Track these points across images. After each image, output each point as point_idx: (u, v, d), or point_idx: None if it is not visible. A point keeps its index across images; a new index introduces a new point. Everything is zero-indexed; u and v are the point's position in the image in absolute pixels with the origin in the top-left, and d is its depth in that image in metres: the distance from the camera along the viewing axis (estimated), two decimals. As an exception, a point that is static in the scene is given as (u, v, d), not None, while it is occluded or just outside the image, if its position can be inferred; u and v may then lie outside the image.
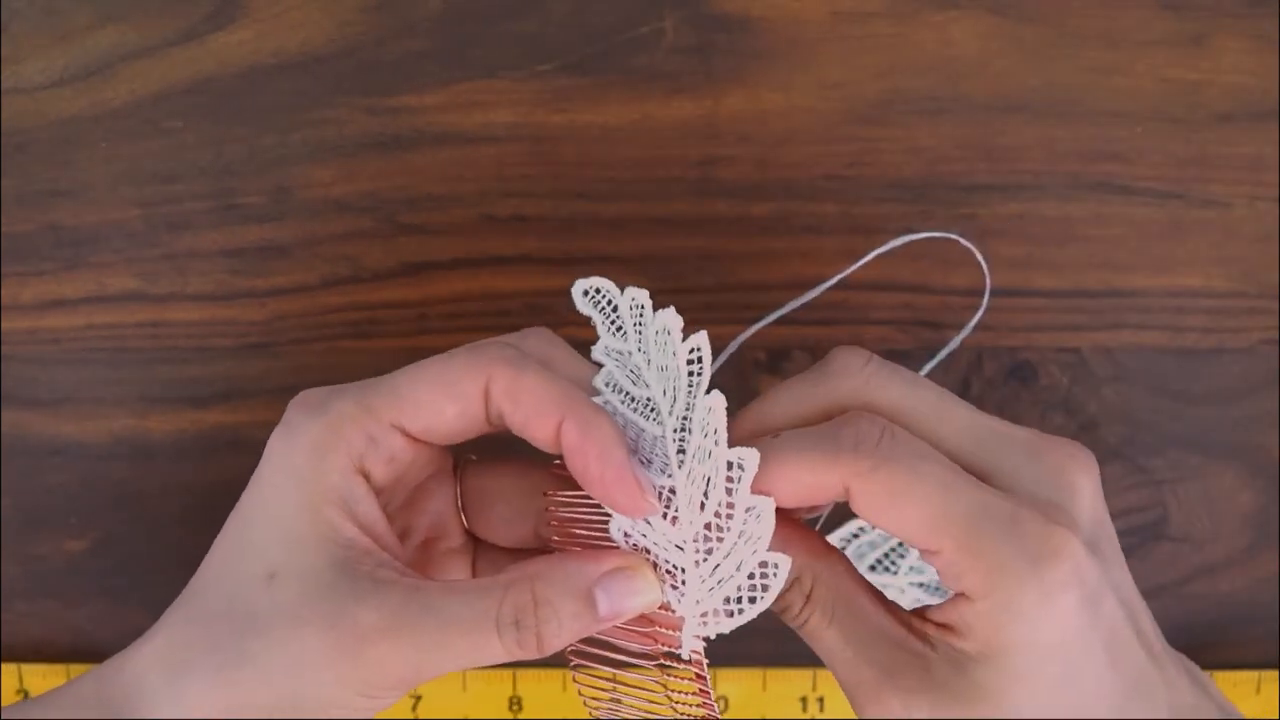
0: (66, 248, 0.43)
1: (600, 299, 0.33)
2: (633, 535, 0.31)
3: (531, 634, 0.30)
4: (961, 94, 0.42)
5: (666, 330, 0.32)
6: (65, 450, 0.44)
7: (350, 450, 0.31)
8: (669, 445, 0.31)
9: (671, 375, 0.32)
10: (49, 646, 0.45)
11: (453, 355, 0.32)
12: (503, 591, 0.30)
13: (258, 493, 0.31)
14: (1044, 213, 0.42)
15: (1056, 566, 0.28)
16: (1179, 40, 0.41)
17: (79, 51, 0.42)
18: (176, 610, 0.31)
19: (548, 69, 0.42)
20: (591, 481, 0.30)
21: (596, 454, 0.30)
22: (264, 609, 0.29)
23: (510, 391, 0.30)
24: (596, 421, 0.30)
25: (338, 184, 0.42)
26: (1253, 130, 0.42)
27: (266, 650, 0.29)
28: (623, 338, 0.32)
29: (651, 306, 0.32)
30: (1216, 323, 0.43)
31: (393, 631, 0.29)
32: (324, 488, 0.30)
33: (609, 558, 0.31)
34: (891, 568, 0.43)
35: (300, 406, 0.32)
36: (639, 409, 0.32)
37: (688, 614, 0.31)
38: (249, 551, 0.30)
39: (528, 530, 0.35)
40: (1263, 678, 0.44)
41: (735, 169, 0.42)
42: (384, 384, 0.31)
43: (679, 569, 0.31)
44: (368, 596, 0.29)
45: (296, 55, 0.42)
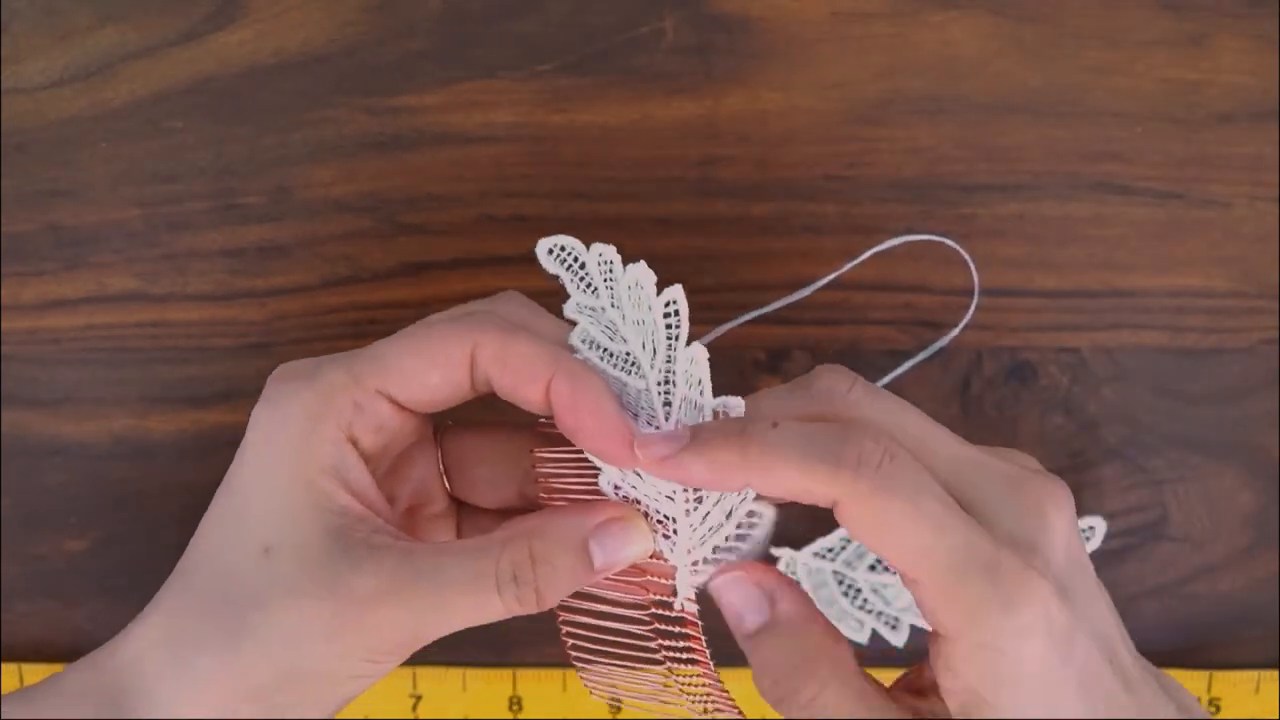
0: (67, 248, 0.43)
1: (566, 256, 0.32)
2: (623, 488, 0.32)
3: (530, 589, 0.30)
4: (961, 94, 0.42)
5: (639, 284, 0.32)
6: (65, 450, 0.44)
7: (340, 419, 0.31)
8: (654, 397, 0.32)
9: (649, 328, 0.32)
10: (49, 646, 0.45)
11: (434, 322, 0.32)
12: (499, 549, 0.30)
13: (247, 467, 0.31)
14: (1044, 213, 0.42)
15: (1026, 613, 0.28)
16: (1179, 40, 0.41)
17: (79, 52, 0.42)
18: (169, 591, 0.31)
19: (548, 69, 0.42)
20: (585, 436, 0.30)
21: (589, 408, 0.30)
22: (262, 582, 0.30)
23: (498, 356, 0.31)
24: (586, 377, 0.30)
25: (338, 184, 0.42)
26: (1252, 130, 0.42)
27: (267, 623, 0.29)
28: (594, 294, 0.32)
29: (620, 261, 0.32)
30: (1216, 323, 0.43)
31: (392, 596, 0.29)
32: (316, 457, 0.30)
33: (602, 509, 0.31)
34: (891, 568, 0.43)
35: (283, 379, 0.32)
36: (618, 364, 0.32)
37: (679, 562, 0.32)
38: (242, 526, 0.30)
39: (512, 491, 0.35)
40: (1262, 677, 0.44)
41: (735, 169, 0.42)
42: (368, 353, 0.32)
43: (669, 518, 0.32)
44: (364, 563, 0.29)
45: (297, 55, 0.42)
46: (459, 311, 0.32)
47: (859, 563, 0.43)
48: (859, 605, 0.43)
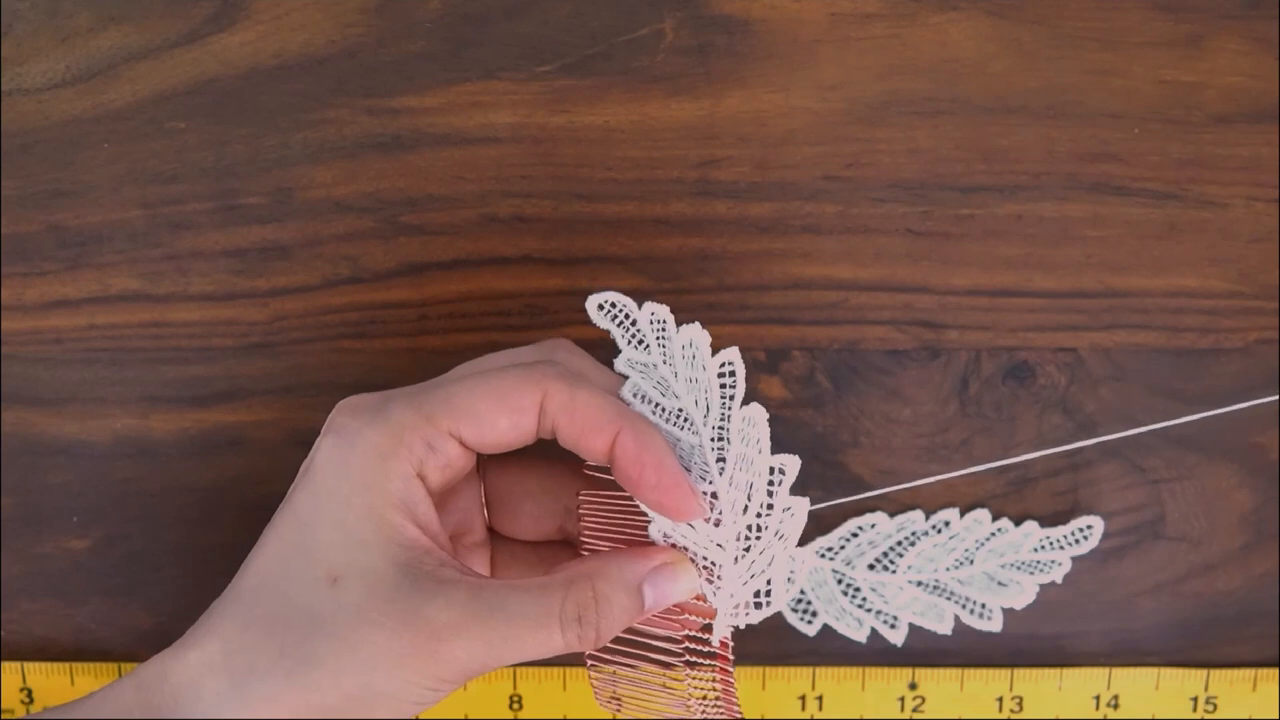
0: (69, 248, 0.43)
1: (617, 312, 0.34)
2: (672, 536, 0.34)
3: (592, 628, 0.32)
4: (960, 95, 0.42)
5: (693, 345, 0.33)
6: (68, 450, 0.44)
7: (411, 456, 0.32)
8: (708, 454, 0.33)
9: (703, 387, 0.33)
10: (52, 645, 0.45)
11: (506, 370, 0.33)
12: (564, 590, 0.32)
13: (314, 497, 0.32)
14: (1042, 213, 0.42)
15: None
16: (1176, 42, 0.41)
17: (81, 53, 0.42)
18: (224, 615, 0.31)
19: (548, 70, 0.42)
20: (646, 489, 0.32)
21: (653, 464, 0.32)
22: (329, 611, 0.30)
23: (567, 408, 0.32)
24: (650, 433, 0.32)
25: (339, 185, 0.42)
26: (1250, 132, 0.42)
27: (336, 652, 0.30)
28: (645, 350, 0.34)
29: (673, 321, 0.34)
30: (1213, 323, 0.43)
31: (464, 628, 0.30)
32: (387, 492, 0.31)
33: (656, 554, 0.34)
34: (891, 567, 0.43)
35: (353, 412, 0.33)
36: (670, 419, 0.34)
37: (722, 605, 0.34)
38: (308, 555, 0.31)
39: (552, 526, 0.37)
40: (1259, 676, 0.44)
41: (734, 170, 0.42)
42: (439, 393, 0.33)
43: (716, 564, 0.34)
44: (436, 596, 0.30)
45: (298, 56, 0.42)
46: (523, 356, 0.34)
47: (859, 562, 0.43)
48: (858, 604, 0.43)
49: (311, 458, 0.33)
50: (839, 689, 0.44)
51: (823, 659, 0.44)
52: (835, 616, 0.43)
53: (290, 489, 0.33)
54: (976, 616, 0.43)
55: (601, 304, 0.34)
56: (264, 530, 0.33)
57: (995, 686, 0.44)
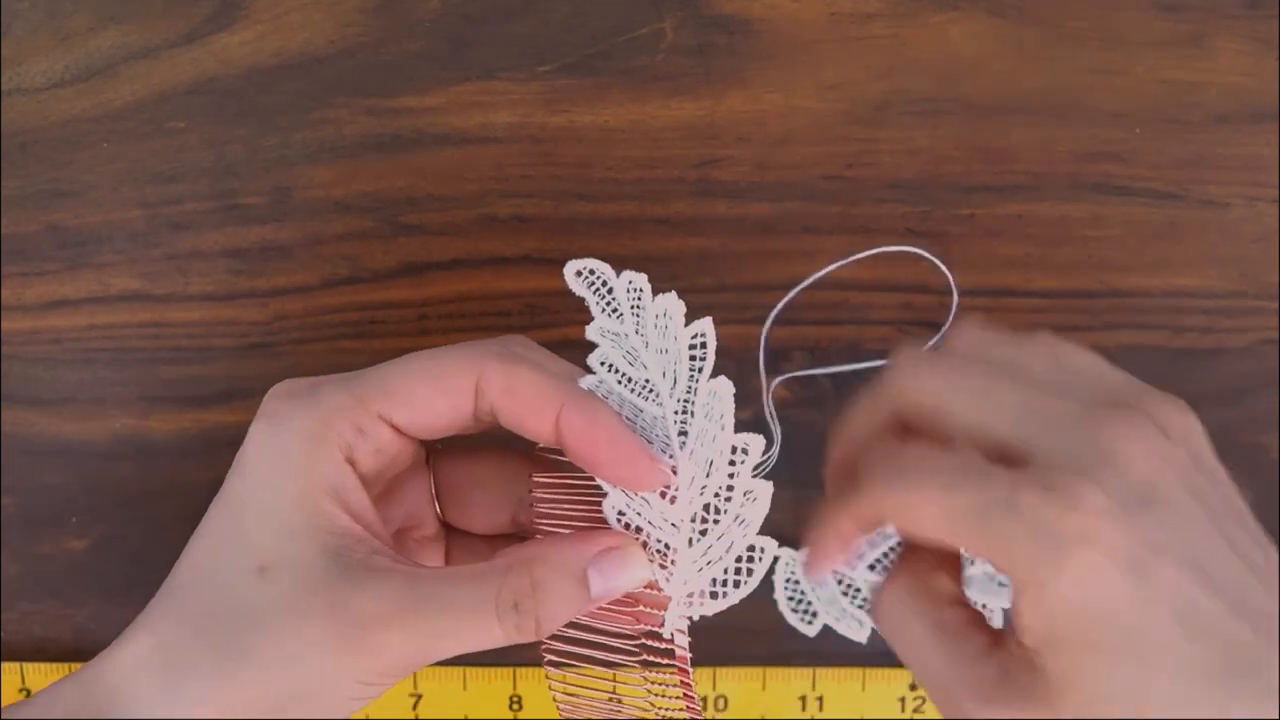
0: (68, 248, 0.43)
1: (594, 279, 0.33)
2: (627, 514, 0.32)
3: (531, 617, 0.30)
4: (960, 95, 0.42)
5: (668, 314, 0.32)
6: (67, 450, 0.44)
7: (340, 440, 0.31)
8: (670, 426, 0.32)
9: (672, 358, 0.32)
10: (51, 645, 0.45)
11: (442, 351, 0.32)
12: (501, 576, 0.30)
13: (243, 485, 0.31)
14: (1042, 213, 0.42)
15: (1067, 541, 0.27)
16: (1177, 42, 0.41)
17: (81, 52, 0.42)
18: (158, 608, 0.31)
19: (548, 70, 0.42)
20: (602, 463, 0.31)
21: (605, 438, 0.30)
22: (258, 603, 0.29)
23: (506, 386, 0.31)
24: (597, 408, 0.31)
25: (338, 184, 0.42)
26: (1250, 131, 0.42)
27: (265, 644, 0.29)
28: (619, 319, 0.33)
29: (650, 290, 0.33)
30: (1215, 323, 0.43)
31: (394, 619, 0.29)
32: (316, 478, 0.30)
33: (601, 538, 0.32)
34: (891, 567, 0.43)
35: (283, 397, 0.32)
36: (636, 389, 0.32)
37: (675, 594, 0.32)
38: (238, 545, 0.30)
39: (505, 517, 0.35)
40: (1261, 677, 0.44)
41: (734, 169, 0.42)
42: (372, 376, 0.31)
43: (669, 548, 0.32)
44: (366, 585, 0.29)
45: (297, 56, 0.42)
46: (469, 343, 0.32)
47: (859, 562, 0.43)
48: (859, 605, 0.43)
49: (244, 444, 0.31)
50: (839, 690, 0.44)
51: (823, 659, 0.44)
52: (836, 617, 0.43)
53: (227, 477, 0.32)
54: (977, 617, 0.43)
55: (580, 270, 0.33)
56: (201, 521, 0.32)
57: (996, 687, 0.44)
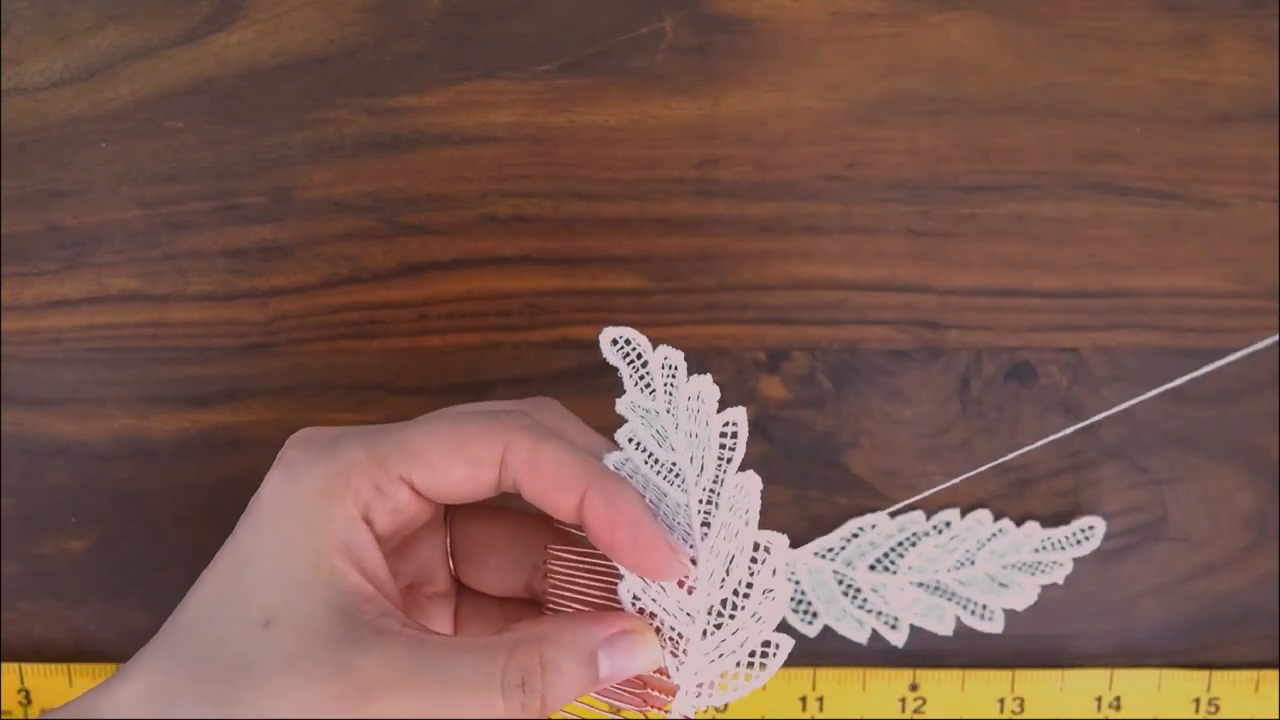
0: (67, 248, 0.43)
1: (629, 350, 0.32)
2: (641, 600, 0.31)
3: (537, 696, 0.29)
4: (961, 94, 0.42)
5: (700, 398, 0.31)
6: (66, 450, 0.44)
7: (358, 499, 0.30)
8: (693, 516, 0.31)
9: (701, 444, 0.31)
10: (50, 646, 0.45)
11: (466, 418, 0.31)
12: (509, 652, 0.30)
13: (254, 534, 0.30)
14: (1043, 213, 0.42)
15: None
16: (1178, 41, 0.41)
17: (80, 52, 0.42)
18: (157, 649, 0.30)
19: (548, 69, 0.42)
20: (620, 550, 0.30)
21: (627, 524, 0.30)
22: (258, 656, 0.29)
23: (530, 463, 0.30)
24: (621, 492, 0.30)
25: (338, 184, 0.42)
26: (1252, 131, 0.42)
27: (262, 699, 0.28)
28: (651, 395, 0.32)
29: (685, 370, 0.32)
30: (1216, 323, 0.43)
31: (397, 685, 0.28)
32: (329, 534, 0.30)
33: (614, 620, 0.31)
34: (892, 568, 0.43)
35: (303, 447, 0.31)
36: (662, 472, 0.32)
37: (684, 683, 0.31)
38: (244, 595, 0.30)
39: (519, 581, 0.35)
40: (1261, 677, 0.44)
41: (734, 169, 0.42)
42: (394, 435, 0.31)
43: (683, 637, 0.31)
44: (371, 648, 0.29)
45: (297, 56, 0.42)
46: (496, 409, 0.32)
47: (859, 562, 0.43)
48: (859, 605, 0.43)
49: (259, 492, 0.31)
50: (840, 690, 0.44)
51: (823, 660, 0.44)
52: (836, 617, 0.43)
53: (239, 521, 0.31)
54: (978, 617, 0.43)
55: (615, 339, 0.32)
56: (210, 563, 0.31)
57: (996, 687, 0.44)
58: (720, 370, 0.32)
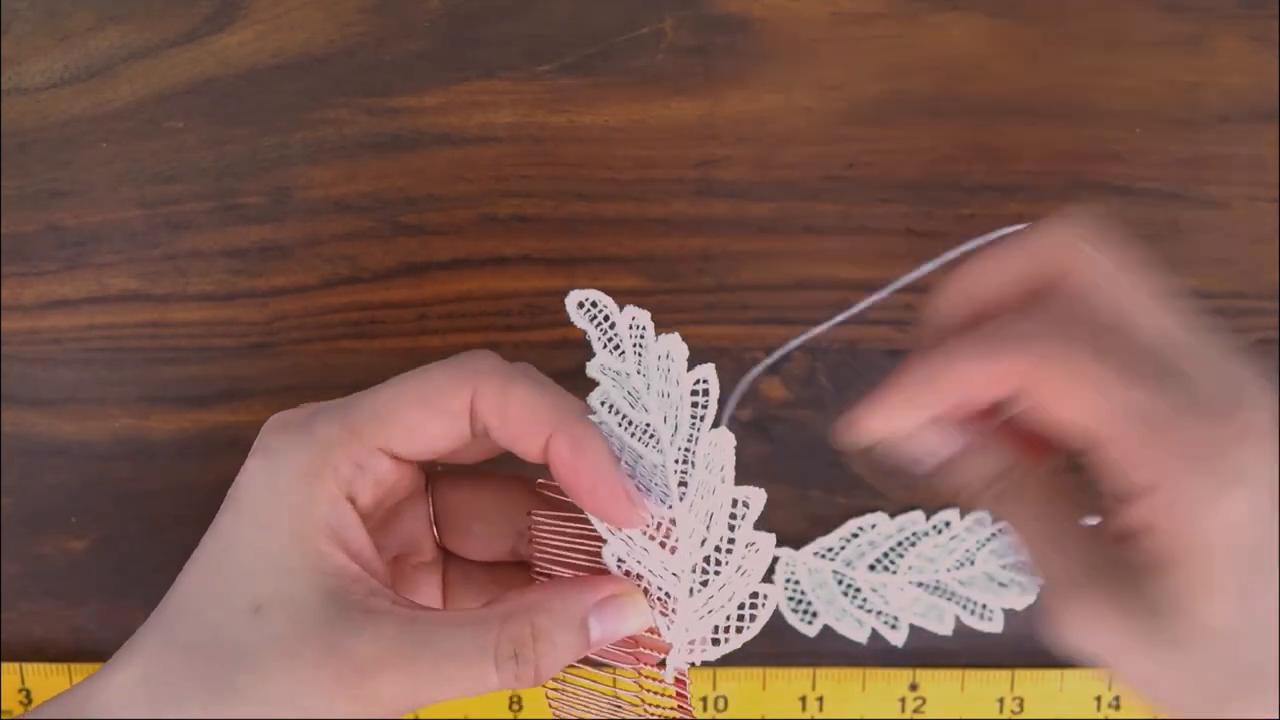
0: (68, 248, 0.43)
1: (596, 313, 0.32)
2: (626, 562, 0.31)
3: (530, 666, 0.30)
4: (961, 95, 0.42)
5: (669, 356, 0.31)
6: (66, 450, 0.44)
7: (339, 478, 0.30)
8: (670, 476, 0.31)
9: (674, 403, 0.31)
10: (50, 646, 0.45)
11: (432, 370, 0.31)
12: (500, 625, 0.30)
13: (238, 520, 0.30)
14: (1043, 213, 0.42)
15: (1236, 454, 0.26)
16: (1178, 41, 0.41)
17: (80, 52, 0.42)
18: (149, 639, 0.30)
19: (548, 70, 0.42)
20: (583, 494, 0.30)
21: (588, 469, 0.30)
22: (251, 642, 0.29)
23: (498, 405, 0.30)
24: (587, 436, 0.30)
25: (338, 184, 0.42)
26: (1251, 131, 0.42)
27: (257, 684, 0.28)
28: (620, 357, 0.32)
29: (653, 329, 0.31)
30: (1215, 323, 0.43)
31: (390, 664, 0.29)
32: (313, 517, 0.30)
33: (603, 585, 0.31)
34: (891, 567, 0.43)
35: (279, 430, 0.31)
36: (636, 433, 0.31)
37: (676, 641, 0.32)
38: (232, 581, 0.30)
39: (505, 546, 0.34)
40: (1261, 677, 0.44)
41: (735, 169, 0.42)
42: (364, 404, 0.31)
43: (670, 596, 0.31)
44: (363, 628, 0.29)
45: (297, 56, 0.42)
46: (463, 355, 0.32)
47: (859, 562, 0.43)
48: (859, 605, 0.43)
49: (238, 479, 0.31)
50: (839, 690, 0.44)
51: (823, 659, 0.44)
52: (836, 617, 0.43)
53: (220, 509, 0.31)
54: (977, 617, 0.43)
55: (582, 302, 0.32)
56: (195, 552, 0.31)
57: (996, 687, 0.44)
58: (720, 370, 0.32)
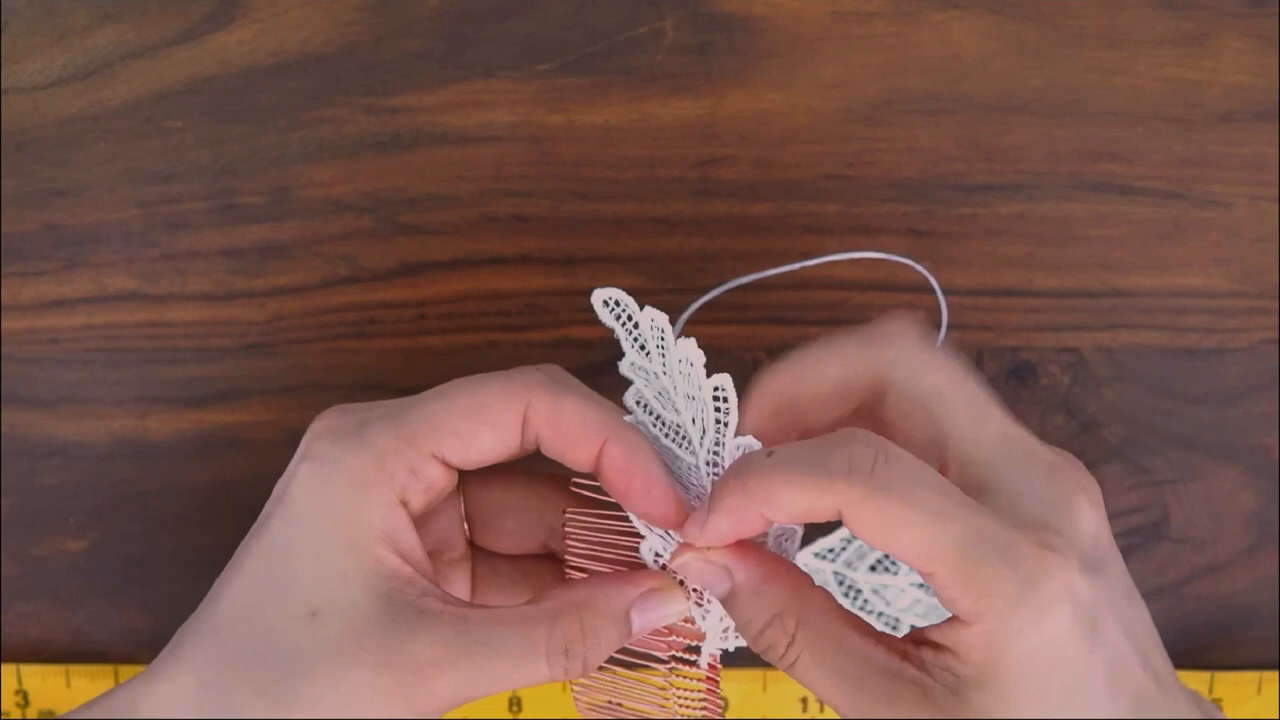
0: (66, 248, 0.43)
1: (621, 311, 0.32)
2: (664, 556, 0.33)
3: (579, 660, 0.31)
4: (962, 94, 0.42)
5: (689, 362, 0.32)
6: (65, 450, 0.44)
7: (394, 484, 0.31)
8: (703, 476, 0.32)
9: (700, 405, 0.32)
10: (48, 647, 0.45)
11: (485, 381, 0.32)
12: (551, 622, 0.31)
13: (292, 527, 0.31)
14: (1044, 213, 0.42)
15: (1047, 587, 0.28)
16: (1180, 40, 0.41)
17: (78, 51, 0.42)
18: (197, 646, 0.30)
19: (548, 69, 0.42)
20: (634, 499, 0.31)
21: (640, 474, 0.31)
22: (308, 647, 0.29)
23: (551, 417, 0.31)
24: (638, 443, 0.31)
25: (337, 184, 0.42)
26: (1253, 130, 0.42)
27: (315, 688, 0.29)
28: (648, 357, 0.32)
29: (672, 331, 0.32)
30: (1217, 323, 0.43)
31: (446, 663, 0.29)
32: (369, 523, 0.30)
33: (643, 579, 0.33)
34: (891, 567, 0.43)
35: (330, 436, 0.31)
36: (669, 433, 0.33)
37: (710, 630, 0.33)
38: (287, 588, 0.30)
39: (535, 542, 0.36)
40: (1263, 678, 0.44)
41: (735, 169, 0.42)
42: (416, 411, 0.31)
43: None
44: (419, 630, 0.30)
45: (296, 55, 0.42)
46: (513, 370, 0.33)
47: (859, 563, 0.43)
48: (859, 606, 0.43)
49: (287, 485, 0.31)
50: (840, 691, 0.44)
51: (824, 661, 0.44)
52: (836, 618, 0.43)
53: (264, 514, 0.32)
54: (979, 618, 0.43)
55: (606, 300, 0.32)
56: (235, 555, 0.32)
57: (997, 689, 0.44)
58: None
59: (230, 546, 0.39)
